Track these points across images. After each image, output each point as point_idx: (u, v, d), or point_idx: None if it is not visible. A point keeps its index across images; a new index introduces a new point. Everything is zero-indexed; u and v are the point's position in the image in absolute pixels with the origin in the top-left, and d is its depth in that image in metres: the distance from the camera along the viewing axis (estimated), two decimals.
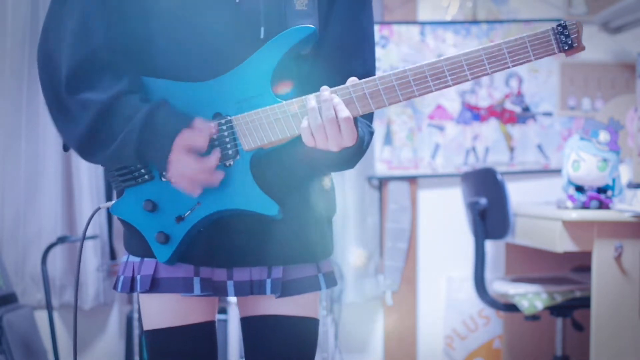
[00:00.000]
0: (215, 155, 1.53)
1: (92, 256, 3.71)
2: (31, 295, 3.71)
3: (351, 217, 3.86)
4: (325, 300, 3.74)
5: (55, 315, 3.68)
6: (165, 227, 1.57)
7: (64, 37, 1.56)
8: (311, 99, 1.49)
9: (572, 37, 1.42)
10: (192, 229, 1.57)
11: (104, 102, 1.53)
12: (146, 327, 1.67)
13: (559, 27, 1.42)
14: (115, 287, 1.68)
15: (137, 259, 1.65)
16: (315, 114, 1.48)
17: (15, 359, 3.24)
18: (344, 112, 1.47)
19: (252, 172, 1.55)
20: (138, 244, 1.64)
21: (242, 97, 1.54)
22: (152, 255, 1.62)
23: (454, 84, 1.46)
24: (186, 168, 1.51)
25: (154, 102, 1.54)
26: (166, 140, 1.51)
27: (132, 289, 1.64)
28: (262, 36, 1.56)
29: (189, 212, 1.56)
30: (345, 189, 3.85)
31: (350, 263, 3.86)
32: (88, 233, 3.59)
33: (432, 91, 1.47)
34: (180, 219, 1.56)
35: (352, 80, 1.50)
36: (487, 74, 1.45)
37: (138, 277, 1.63)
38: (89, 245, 3.69)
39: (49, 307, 3.48)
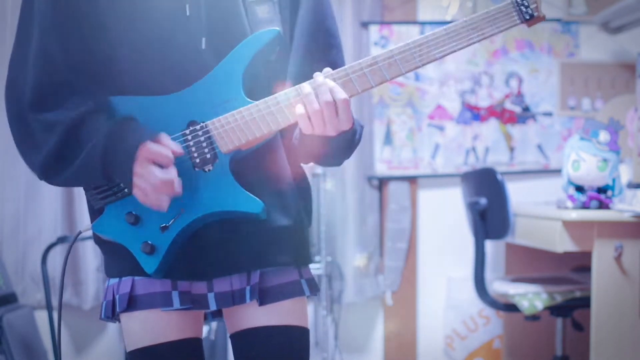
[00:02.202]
0: (173, 168, 1.52)
1: (92, 256, 3.71)
2: (31, 295, 3.71)
3: (351, 217, 3.86)
4: (325, 300, 3.74)
5: (55, 315, 3.67)
6: (149, 237, 1.56)
7: (26, 61, 1.57)
8: (305, 86, 1.51)
9: (531, 7, 1.50)
10: (177, 237, 1.56)
11: (70, 121, 1.53)
12: (129, 348, 1.63)
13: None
14: (100, 316, 1.66)
15: (115, 281, 1.63)
16: (312, 99, 1.50)
17: (15, 359, 3.24)
18: (341, 94, 1.50)
19: (232, 174, 1.55)
20: (115, 265, 1.63)
21: (215, 103, 1.56)
22: (129, 274, 1.61)
23: (422, 65, 1.53)
24: (151, 178, 1.50)
25: (119, 117, 1.54)
26: (129, 154, 1.51)
27: (114, 312, 1.62)
28: (203, 47, 1.58)
29: (172, 220, 1.56)
30: (345, 189, 3.85)
31: (351, 264, 3.86)
32: (88, 233, 3.59)
33: (402, 74, 1.53)
34: (164, 228, 1.56)
35: (327, 70, 1.54)
36: (455, 51, 1.52)
37: (117, 297, 1.61)
38: (89, 245, 3.69)
39: (49, 307, 3.48)
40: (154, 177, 1.50)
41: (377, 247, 3.94)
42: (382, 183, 3.95)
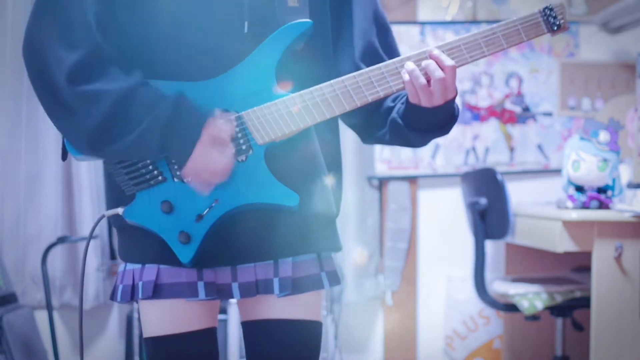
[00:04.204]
0: (232, 147, 1.53)
1: (92, 256, 3.71)
2: (31, 295, 3.71)
3: (351, 217, 3.86)
4: (325, 300, 3.73)
5: (55, 315, 3.68)
6: (185, 227, 1.56)
7: (59, 33, 1.53)
8: (408, 63, 1.53)
9: (559, 18, 1.52)
10: (212, 227, 1.56)
11: (119, 92, 1.51)
12: (146, 335, 1.64)
13: (546, 10, 1.52)
14: (113, 298, 1.65)
15: (137, 266, 1.62)
16: (417, 74, 1.52)
17: (15, 359, 3.24)
18: (449, 61, 1.52)
19: (267, 165, 1.56)
20: (138, 251, 1.62)
21: (247, 93, 1.55)
22: (153, 261, 1.60)
23: (459, 66, 1.55)
24: (210, 162, 1.51)
25: (176, 92, 1.53)
26: (193, 130, 1.50)
27: (132, 296, 1.62)
28: (245, 30, 1.57)
29: (207, 210, 1.55)
30: (345, 189, 3.84)
31: (351, 262, 3.86)
32: (88, 233, 3.60)
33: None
34: (200, 217, 1.55)
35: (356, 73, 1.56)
36: (484, 57, 1.55)
37: (140, 283, 1.60)
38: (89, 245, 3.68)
39: (49, 307, 3.48)
40: (213, 162, 1.51)
41: (377, 247, 3.94)
42: (382, 183, 3.95)
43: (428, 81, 1.53)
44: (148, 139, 1.51)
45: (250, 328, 1.68)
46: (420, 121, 1.59)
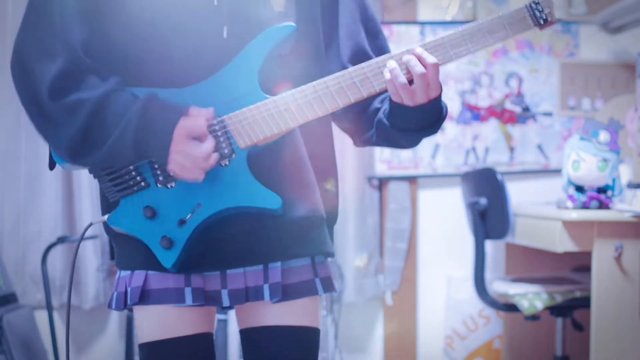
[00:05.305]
0: (211, 138, 1.53)
1: (92, 256, 3.71)
2: (31, 295, 3.71)
3: (351, 217, 3.86)
4: (325, 300, 3.74)
5: (55, 315, 3.68)
6: (167, 232, 1.56)
7: (42, 47, 1.55)
8: (390, 62, 1.53)
9: (545, 12, 1.53)
10: (194, 232, 1.56)
11: (94, 100, 1.52)
12: (140, 341, 1.65)
13: (532, 4, 1.53)
14: (109, 305, 1.66)
15: (128, 273, 1.63)
16: (397, 73, 1.52)
17: (15, 359, 3.24)
18: (431, 59, 1.52)
19: (249, 169, 1.55)
20: (128, 258, 1.62)
21: (230, 98, 1.55)
22: (141, 268, 1.60)
23: (442, 64, 1.56)
24: (189, 156, 1.50)
25: (144, 95, 1.53)
26: (165, 132, 1.50)
27: (125, 303, 1.63)
28: (225, 36, 1.57)
29: (190, 214, 1.55)
30: (345, 189, 3.85)
31: (351, 264, 3.86)
32: (88, 233, 3.59)
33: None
34: (182, 222, 1.55)
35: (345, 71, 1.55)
36: (470, 53, 1.55)
37: (129, 289, 1.61)
38: (89, 245, 3.69)
39: (49, 307, 3.48)
40: (194, 153, 1.50)
41: (377, 247, 3.94)
42: (382, 183, 3.95)
43: (410, 81, 1.52)
44: (122, 147, 1.52)
45: (248, 335, 1.68)
46: (406, 121, 1.59)
